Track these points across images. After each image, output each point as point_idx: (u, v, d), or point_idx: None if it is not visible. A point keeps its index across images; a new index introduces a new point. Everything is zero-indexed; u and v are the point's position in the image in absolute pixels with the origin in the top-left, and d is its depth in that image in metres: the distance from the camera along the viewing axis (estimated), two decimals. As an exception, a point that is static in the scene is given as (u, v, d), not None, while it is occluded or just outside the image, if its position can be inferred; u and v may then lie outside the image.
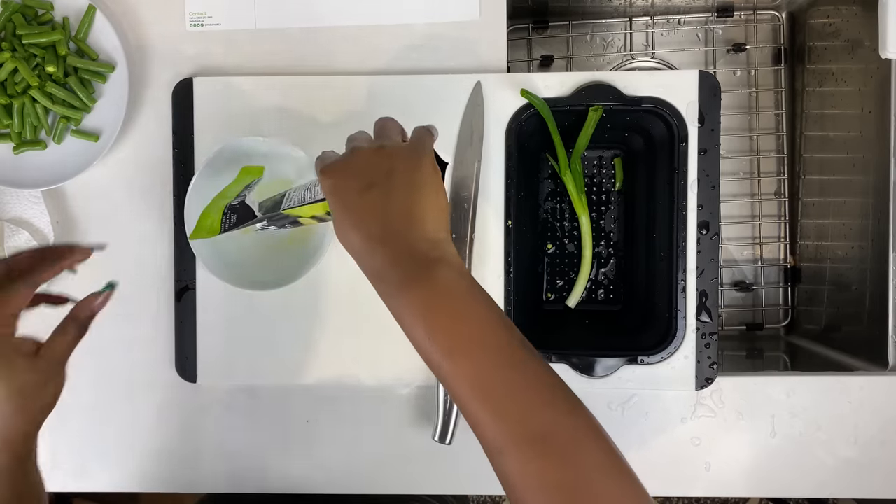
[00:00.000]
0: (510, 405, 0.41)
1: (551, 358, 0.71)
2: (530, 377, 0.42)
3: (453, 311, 0.43)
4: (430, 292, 0.44)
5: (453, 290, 0.44)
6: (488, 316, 0.44)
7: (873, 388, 0.73)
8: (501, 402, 0.41)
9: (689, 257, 0.71)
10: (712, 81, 0.71)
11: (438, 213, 0.47)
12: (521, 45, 1.02)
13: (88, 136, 0.75)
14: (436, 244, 0.46)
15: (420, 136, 0.52)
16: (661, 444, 0.74)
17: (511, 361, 0.43)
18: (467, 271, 0.47)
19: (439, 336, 0.43)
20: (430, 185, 0.47)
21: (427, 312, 0.43)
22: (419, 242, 0.46)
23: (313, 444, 0.76)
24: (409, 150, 0.49)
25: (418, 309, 0.43)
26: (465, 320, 0.43)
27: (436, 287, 0.44)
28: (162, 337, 0.76)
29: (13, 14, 0.73)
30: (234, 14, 0.76)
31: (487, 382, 0.42)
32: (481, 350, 0.42)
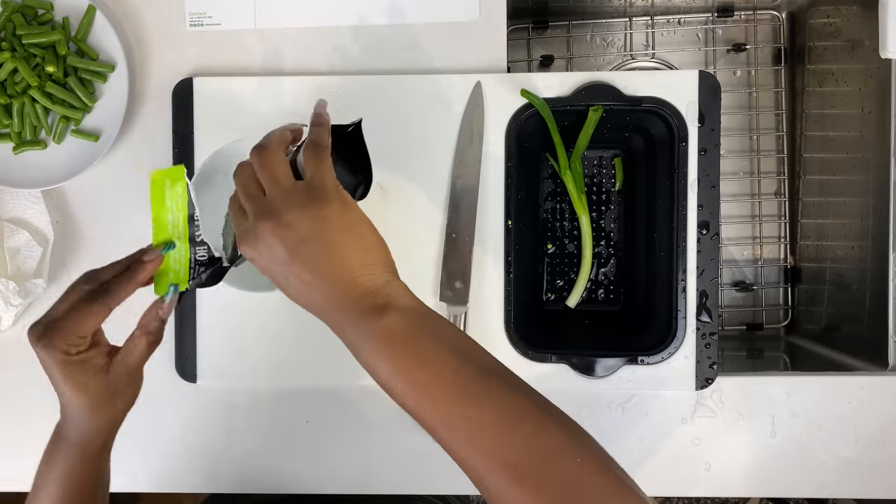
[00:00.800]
0: (478, 439, 0.42)
1: (551, 358, 0.71)
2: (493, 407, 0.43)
3: (406, 358, 0.44)
4: (380, 343, 0.45)
5: (402, 336, 0.45)
6: (441, 354, 0.44)
7: (873, 388, 0.73)
8: (470, 438, 0.42)
9: (689, 257, 0.71)
10: (712, 81, 0.71)
11: (366, 255, 0.47)
12: (521, 45, 1.02)
13: (88, 136, 0.75)
14: (375, 292, 0.46)
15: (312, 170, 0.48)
16: (661, 444, 0.74)
17: (470, 397, 0.43)
18: (414, 306, 0.47)
19: (398, 383, 0.44)
20: (345, 232, 0.46)
21: (381, 363, 0.45)
22: (358, 300, 0.46)
23: (313, 444, 0.76)
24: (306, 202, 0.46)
25: (375, 359, 0.45)
26: (418, 365, 0.44)
27: (385, 338, 0.45)
28: (162, 337, 0.76)
29: (13, 14, 0.73)
30: (234, 14, 0.76)
31: (451, 422, 0.43)
32: (440, 392, 0.43)
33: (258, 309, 0.73)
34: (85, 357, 0.51)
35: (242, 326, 0.74)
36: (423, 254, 0.73)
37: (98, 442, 0.53)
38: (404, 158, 0.72)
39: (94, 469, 0.54)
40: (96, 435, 0.53)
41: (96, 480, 0.55)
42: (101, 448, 0.54)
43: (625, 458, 0.75)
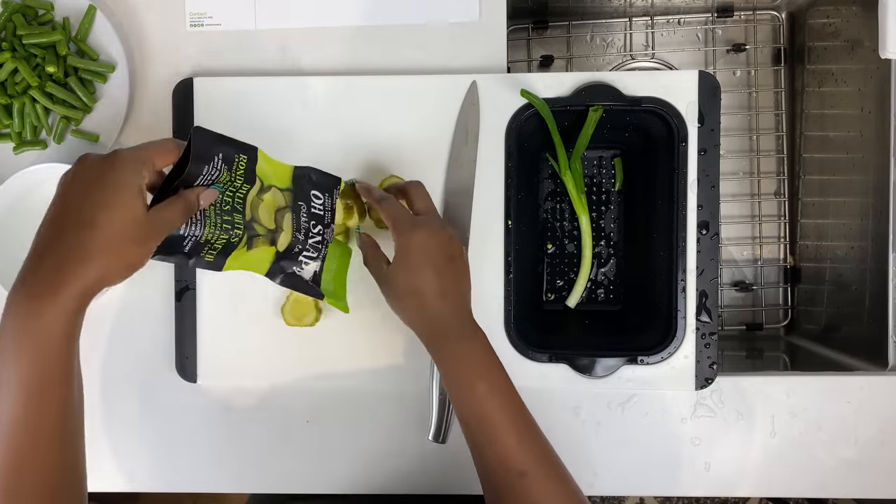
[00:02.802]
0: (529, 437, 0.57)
1: (551, 358, 0.71)
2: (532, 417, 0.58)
3: (492, 366, 0.58)
4: (478, 348, 0.58)
5: (490, 349, 0.59)
6: (505, 372, 0.59)
7: (873, 388, 0.73)
8: (524, 434, 0.56)
9: (689, 257, 0.71)
10: (712, 81, 0.71)
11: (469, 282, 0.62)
12: (521, 45, 1.02)
13: (88, 136, 0.75)
14: (472, 317, 0.61)
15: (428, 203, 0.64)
16: (661, 445, 0.74)
17: (523, 406, 0.58)
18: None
19: (484, 382, 0.57)
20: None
21: (478, 364, 0.58)
22: (468, 313, 0.60)
23: (313, 444, 0.76)
24: (445, 224, 0.62)
25: (472, 359, 0.58)
26: (498, 373, 0.58)
27: (482, 345, 0.59)
28: (162, 337, 0.76)
29: (13, 14, 0.73)
30: (234, 14, 0.77)
31: (516, 418, 0.57)
32: (510, 396, 0.58)
33: (258, 309, 0.73)
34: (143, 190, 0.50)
35: (242, 326, 0.74)
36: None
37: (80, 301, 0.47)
38: (404, 158, 0.72)
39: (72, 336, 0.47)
40: (94, 282, 0.47)
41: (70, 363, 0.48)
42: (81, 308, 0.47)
43: (625, 458, 0.75)
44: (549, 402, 0.74)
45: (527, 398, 0.75)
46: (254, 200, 0.59)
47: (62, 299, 0.45)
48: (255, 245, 0.60)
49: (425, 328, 0.60)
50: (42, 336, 0.45)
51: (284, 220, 0.61)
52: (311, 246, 0.62)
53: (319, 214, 0.62)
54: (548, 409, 0.74)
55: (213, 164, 0.54)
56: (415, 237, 0.59)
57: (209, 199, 0.55)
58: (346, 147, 0.73)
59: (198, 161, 0.53)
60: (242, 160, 0.57)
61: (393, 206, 0.62)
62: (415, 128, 0.73)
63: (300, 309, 0.72)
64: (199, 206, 0.54)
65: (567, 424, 0.74)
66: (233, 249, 0.58)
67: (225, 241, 0.58)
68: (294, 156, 0.73)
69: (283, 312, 0.72)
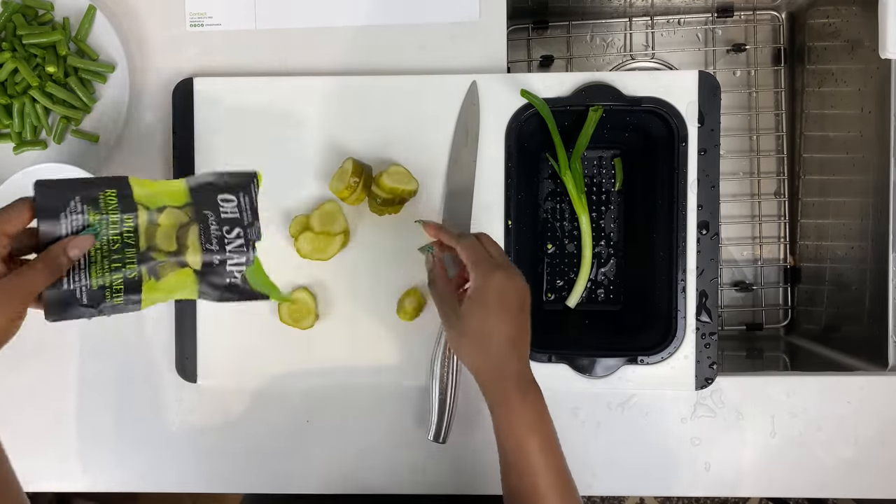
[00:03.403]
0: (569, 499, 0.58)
1: (551, 358, 0.72)
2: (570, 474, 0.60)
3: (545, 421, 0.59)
4: (536, 401, 0.58)
5: (544, 405, 0.59)
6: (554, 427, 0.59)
7: (873, 388, 0.73)
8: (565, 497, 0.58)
9: (689, 257, 0.71)
10: (712, 81, 0.71)
11: None
12: (521, 46, 1.02)
13: (88, 137, 0.75)
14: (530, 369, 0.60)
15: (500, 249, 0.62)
16: (661, 444, 0.74)
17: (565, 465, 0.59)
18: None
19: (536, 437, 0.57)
20: None
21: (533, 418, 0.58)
22: (528, 365, 0.60)
23: (313, 444, 0.76)
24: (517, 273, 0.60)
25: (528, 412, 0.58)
26: (549, 429, 0.59)
27: (539, 399, 0.59)
28: (162, 337, 0.76)
29: (13, 14, 0.73)
30: (234, 14, 0.77)
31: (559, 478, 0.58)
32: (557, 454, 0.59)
33: (258, 309, 0.73)
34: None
35: (242, 326, 0.74)
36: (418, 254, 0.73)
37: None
38: (404, 158, 0.72)
39: None
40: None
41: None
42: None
43: (625, 458, 0.75)
44: (549, 402, 0.74)
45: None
46: (148, 228, 0.55)
47: None
48: (162, 273, 0.55)
49: (488, 373, 0.59)
50: None
51: (189, 237, 0.56)
52: (232, 252, 0.56)
53: (234, 217, 0.57)
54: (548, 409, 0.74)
55: (70, 212, 0.51)
56: (495, 279, 0.58)
57: (82, 247, 0.51)
58: (347, 147, 0.73)
59: (46, 216, 0.51)
60: (111, 194, 0.53)
61: (474, 244, 0.60)
62: (415, 128, 0.73)
63: (297, 311, 0.72)
64: (69, 259, 0.51)
65: (567, 424, 0.74)
66: (139, 285, 0.54)
67: (122, 280, 0.54)
68: (294, 156, 0.73)
69: (280, 312, 0.72)
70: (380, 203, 0.70)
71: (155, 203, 0.55)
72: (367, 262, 0.73)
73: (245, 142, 0.74)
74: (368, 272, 0.73)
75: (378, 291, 0.73)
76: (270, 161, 0.73)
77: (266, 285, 0.59)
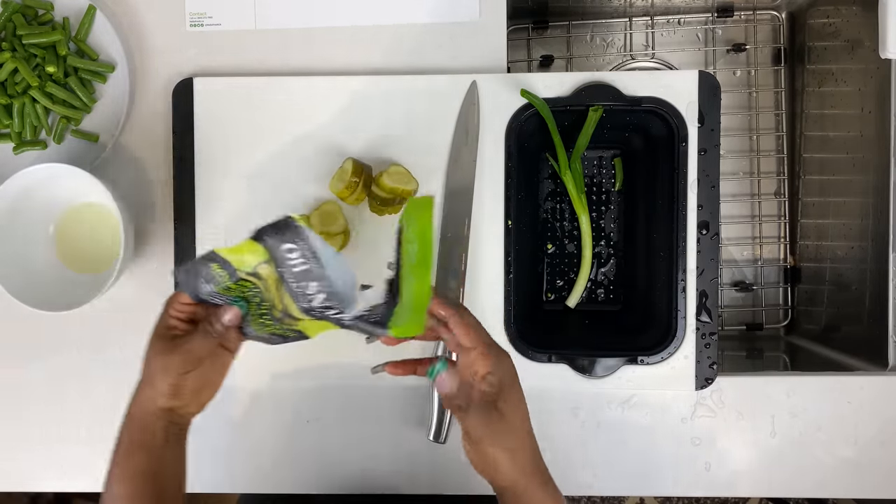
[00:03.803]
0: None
1: (551, 358, 0.71)
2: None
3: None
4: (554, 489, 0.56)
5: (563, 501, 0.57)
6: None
7: (873, 388, 0.73)
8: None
9: (689, 257, 0.71)
10: (712, 81, 0.71)
11: None
12: (521, 45, 1.02)
13: (88, 137, 0.75)
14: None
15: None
16: (661, 444, 0.74)
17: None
18: None
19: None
20: None
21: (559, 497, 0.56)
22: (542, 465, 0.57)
23: (313, 444, 0.76)
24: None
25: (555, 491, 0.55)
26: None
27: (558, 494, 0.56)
28: (162, 337, 0.76)
29: (13, 14, 0.73)
30: (234, 14, 0.77)
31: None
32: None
33: (258, 309, 0.73)
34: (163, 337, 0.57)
35: (242, 326, 0.74)
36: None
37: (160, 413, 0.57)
38: (404, 158, 0.72)
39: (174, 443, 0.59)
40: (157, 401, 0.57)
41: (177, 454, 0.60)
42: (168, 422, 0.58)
43: (625, 458, 0.75)
44: (549, 402, 0.74)
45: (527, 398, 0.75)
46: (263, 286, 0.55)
47: (132, 412, 0.59)
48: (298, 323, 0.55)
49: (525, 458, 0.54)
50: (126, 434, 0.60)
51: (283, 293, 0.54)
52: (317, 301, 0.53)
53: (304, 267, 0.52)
54: (548, 409, 0.74)
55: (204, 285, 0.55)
56: (508, 360, 0.55)
57: (230, 317, 0.56)
58: (347, 147, 0.73)
59: (190, 293, 0.56)
60: (216, 268, 0.54)
61: (477, 323, 0.55)
62: (415, 128, 0.73)
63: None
64: (224, 325, 0.56)
65: (567, 424, 0.74)
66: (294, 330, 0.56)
67: (280, 330, 0.56)
68: (294, 156, 0.73)
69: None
70: (380, 203, 0.70)
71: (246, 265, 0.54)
72: (366, 262, 0.73)
73: (245, 142, 0.74)
74: (368, 272, 0.73)
75: (378, 291, 0.73)
76: (270, 161, 0.73)
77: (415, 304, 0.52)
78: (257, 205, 0.74)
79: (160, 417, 0.57)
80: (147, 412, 0.58)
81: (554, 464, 0.75)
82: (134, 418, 0.58)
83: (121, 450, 0.59)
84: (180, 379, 0.56)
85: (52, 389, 0.78)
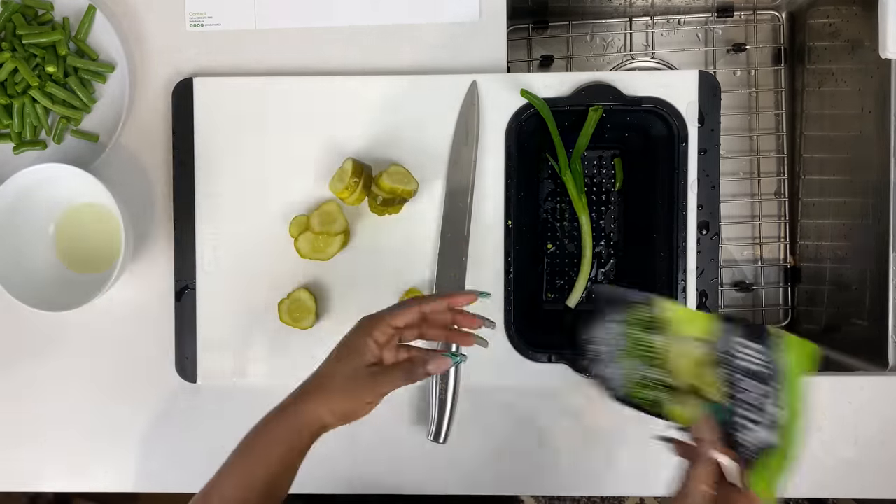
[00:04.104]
0: None
1: (551, 358, 0.71)
2: None
3: None
4: None
5: None
6: None
7: (873, 388, 0.73)
8: None
9: (689, 257, 0.71)
10: (712, 81, 0.71)
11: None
12: (521, 45, 1.01)
13: (88, 137, 0.75)
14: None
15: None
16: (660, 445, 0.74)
17: None
18: None
19: None
20: None
21: None
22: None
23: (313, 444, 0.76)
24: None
25: None
26: None
27: None
28: (162, 337, 0.76)
29: (13, 14, 0.73)
30: (234, 14, 0.77)
31: None
32: None
33: (258, 310, 0.73)
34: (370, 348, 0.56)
35: (242, 327, 0.74)
36: (419, 251, 0.73)
37: (320, 427, 0.58)
38: (405, 158, 0.72)
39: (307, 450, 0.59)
40: (325, 417, 0.57)
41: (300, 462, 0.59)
42: (318, 434, 0.58)
43: (625, 458, 0.75)
44: (550, 402, 0.74)
45: (527, 398, 0.75)
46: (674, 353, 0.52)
47: (288, 421, 0.58)
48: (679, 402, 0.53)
49: None
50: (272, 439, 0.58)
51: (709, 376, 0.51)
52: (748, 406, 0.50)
53: (755, 368, 0.50)
54: (548, 409, 0.74)
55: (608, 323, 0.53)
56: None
57: (440, 367, 0.55)
58: (347, 147, 0.73)
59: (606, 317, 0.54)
60: (642, 309, 0.54)
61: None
62: (415, 128, 0.73)
63: (297, 311, 0.72)
64: (426, 372, 0.55)
65: (567, 424, 0.74)
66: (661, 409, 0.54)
67: (647, 399, 0.54)
68: (293, 156, 0.73)
69: (280, 311, 0.72)
70: (380, 203, 0.70)
71: (680, 331, 0.52)
72: (366, 262, 0.73)
73: (245, 142, 0.74)
74: (368, 272, 0.73)
75: (378, 291, 0.73)
76: (270, 161, 0.73)
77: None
78: (257, 205, 0.74)
79: (315, 433, 0.58)
80: (308, 423, 0.57)
81: (554, 464, 0.75)
82: (291, 423, 0.58)
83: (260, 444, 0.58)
84: (361, 409, 0.56)
85: (52, 389, 0.78)
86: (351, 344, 0.57)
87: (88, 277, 0.75)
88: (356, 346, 0.56)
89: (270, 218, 0.73)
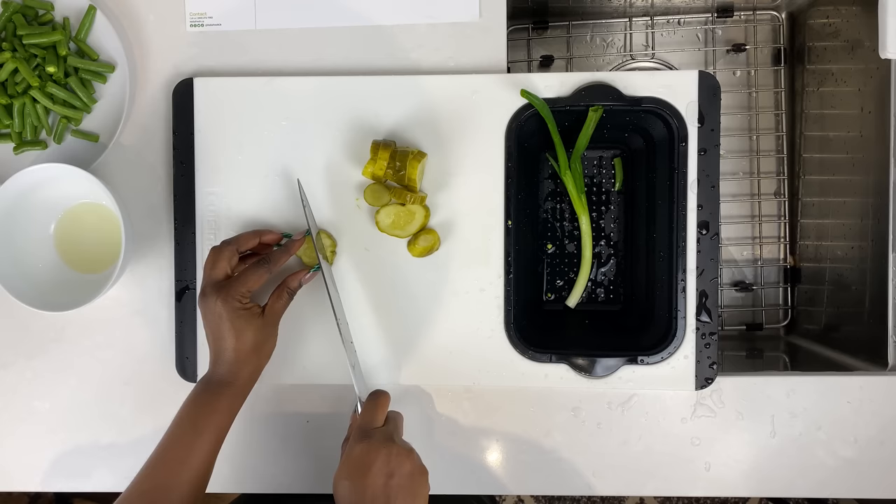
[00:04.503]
0: None
1: (551, 358, 0.72)
2: None
3: None
4: None
5: None
6: None
7: (873, 388, 0.73)
8: None
9: (689, 257, 0.71)
10: (712, 81, 0.71)
11: None
12: (521, 46, 1.02)
13: (88, 137, 0.75)
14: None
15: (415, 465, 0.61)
16: (661, 444, 0.74)
17: None
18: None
19: None
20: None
21: None
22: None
23: (313, 444, 0.76)
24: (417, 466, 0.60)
25: None
26: None
27: None
28: (162, 337, 0.76)
29: (14, 14, 0.73)
30: (234, 14, 0.77)
31: None
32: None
33: (258, 309, 0.73)
34: (249, 307, 0.65)
35: (242, 326, 0.74)
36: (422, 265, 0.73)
37: (248, 386, 0.66)
38: (404, 158, 0.72)
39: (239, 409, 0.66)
40: (247, 380, 0.65)
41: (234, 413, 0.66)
42: (247, 391, 0.66)
43: (625, 458, 0.75)
44: (549, 402, 0.74)
45: (527, 398, 0.75)
46: None
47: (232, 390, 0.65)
48: None
49: None
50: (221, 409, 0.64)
51: None
52: None
53: None
54: (548, 409, 0.74)
55: None
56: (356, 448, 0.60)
57: (308, 280, 0.70)
58: (346, 147, 0.73)
59: None
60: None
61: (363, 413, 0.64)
62: (414, 127, 0.73)
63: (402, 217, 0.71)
64: (279, 258, 0.68)
65: (567, 424, 0.74)
66: None
67: None
68: (293, 155, 0.73)
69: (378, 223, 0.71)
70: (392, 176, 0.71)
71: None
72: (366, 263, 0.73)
73: (244, 142, 0.74)
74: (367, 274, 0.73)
75: (378, 292, 0.73)
76: (270, 161, 0.73)
77: None
78: (256, 205, 0.74)
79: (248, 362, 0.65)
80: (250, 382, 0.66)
81: (554, 464, 0.75)
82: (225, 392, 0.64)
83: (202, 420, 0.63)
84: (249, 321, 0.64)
85: (53, 389, 0.78)
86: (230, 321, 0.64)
87: (88, 277, 0.75)
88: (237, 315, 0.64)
89: (270, 218, 0.73)
